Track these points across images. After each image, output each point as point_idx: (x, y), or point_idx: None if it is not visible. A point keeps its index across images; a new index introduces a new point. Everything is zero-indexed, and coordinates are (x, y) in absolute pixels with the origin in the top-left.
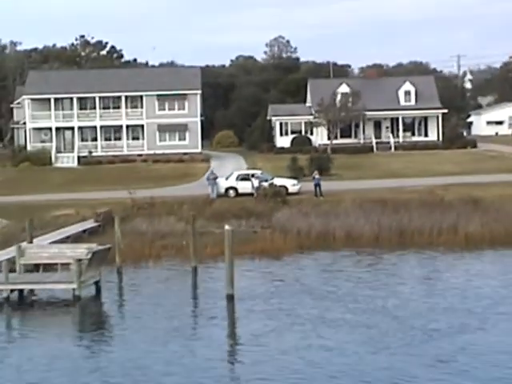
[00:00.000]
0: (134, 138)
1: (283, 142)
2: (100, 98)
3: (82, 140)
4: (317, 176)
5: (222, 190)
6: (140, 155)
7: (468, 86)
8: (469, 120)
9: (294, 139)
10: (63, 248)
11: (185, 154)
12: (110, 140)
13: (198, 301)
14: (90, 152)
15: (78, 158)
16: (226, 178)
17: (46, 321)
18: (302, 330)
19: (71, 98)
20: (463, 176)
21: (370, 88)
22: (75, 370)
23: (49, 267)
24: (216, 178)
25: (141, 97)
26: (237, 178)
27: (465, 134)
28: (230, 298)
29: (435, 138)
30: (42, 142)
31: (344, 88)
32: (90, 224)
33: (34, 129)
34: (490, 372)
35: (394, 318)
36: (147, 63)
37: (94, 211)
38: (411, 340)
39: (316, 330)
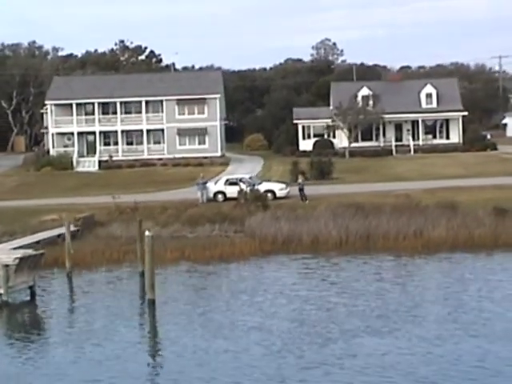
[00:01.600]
0: (155, 143)
1: (306, 145)
2: (121, 102)
3: (105, 144)
4: (300, 180)
5: (211, 195)
6: (160, 159)
7: None
8: (503, 122)
9: (316, 142)
10: None
11: (205, 157)
12: (131, 144)
13: (131, 305)
14: (111, 156)
15: (99, 162)
16: (215, 183)
17: None
18: (208, 333)
19: (93, 103)
20: (462, 179)
21: (392, 91)
22: None
23: None
24: (206, 182)
25: (161, 101)
26: (225, 183)
27: (489, 136)
28: (151, 303)
29: (457, 141)
30: (65, 146)
31: (365, 91)
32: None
33: (58, 134)
34: (364, 375)
35: (302, 322)
36: (193, 67)
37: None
38: (307, 343)
39: (221, 333)
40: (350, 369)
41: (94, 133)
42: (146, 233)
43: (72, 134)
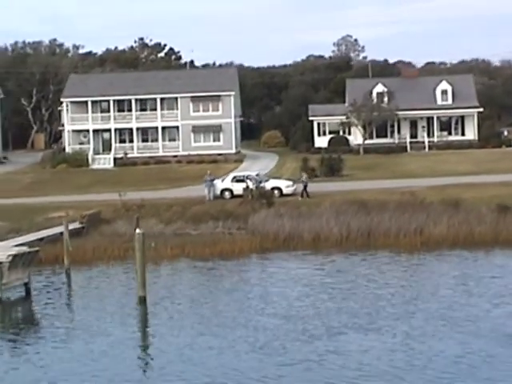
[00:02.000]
0: (170, 140)
1: (321, 142)
2: (136, 100)
3: (120, 142)
4: (303, 178)
5: (218, 192)
6: (175, 156)
7: None
8: None
9: (331, 139)
10: None
11: (219, 154)
12: (146, 141)
13: (125, 302)
14: (126, 153)
15: (115, 159)
16: (222, 180)
17: None
18: (195, 329)
19: (108, 101)
20: (471, 176)
21: (407, 87)
22: None
23: None
24: (213, 180)
25: (176, 98)
26: (232, 180)
27: (506, 133)
28: (143, 300)
29: (472, 137)
30: (81, 143)
31: (379, 88)
32: (73, 226)
33: (73, 131)
34: (343, 371)
35: (290, 319)
36: (214, 64)
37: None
38: (291, 340)
39: (209, 329)
40: (331, 364)
41: (109, 130)
42: (137, 230)
43: (88, 131)
